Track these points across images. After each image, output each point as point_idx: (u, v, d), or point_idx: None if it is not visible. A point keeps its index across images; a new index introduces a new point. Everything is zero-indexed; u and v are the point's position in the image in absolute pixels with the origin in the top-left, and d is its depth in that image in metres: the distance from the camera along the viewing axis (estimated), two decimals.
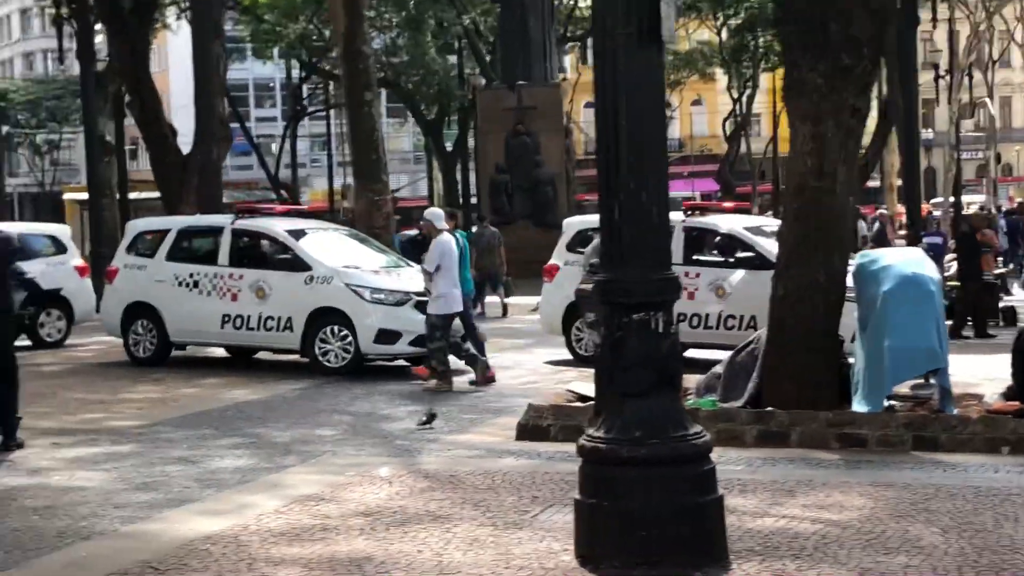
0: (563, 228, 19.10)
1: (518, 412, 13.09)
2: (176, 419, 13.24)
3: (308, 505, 8.99)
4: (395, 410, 13.78)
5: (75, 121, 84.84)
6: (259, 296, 17.21)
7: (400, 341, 16.62)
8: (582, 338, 17.85)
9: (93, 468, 10.59)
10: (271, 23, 43.75)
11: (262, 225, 18.00)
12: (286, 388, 15.57)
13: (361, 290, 16.69)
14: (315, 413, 13.57)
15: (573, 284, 17.93)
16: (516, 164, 37.05)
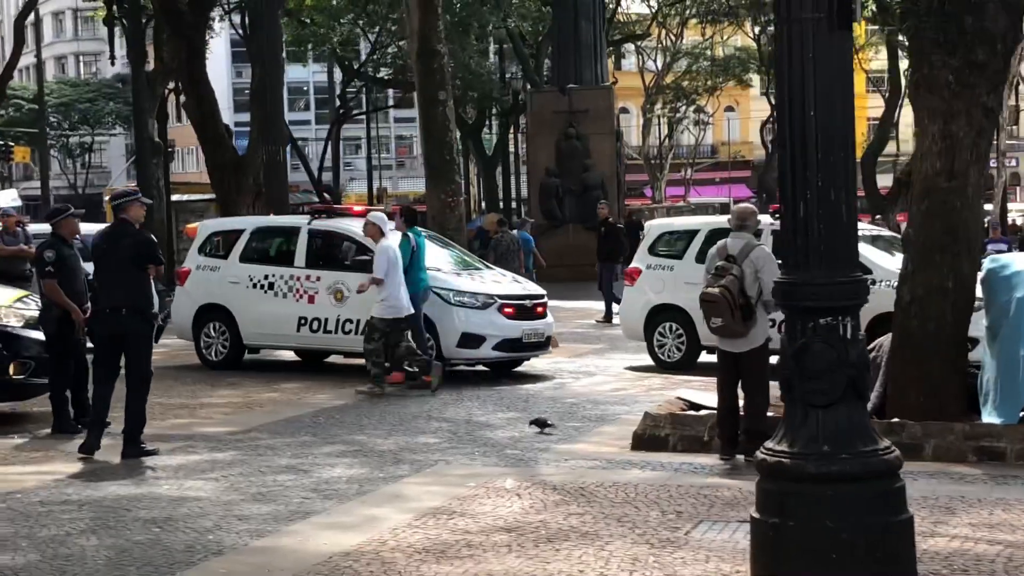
0: (645, 231, 18.61)
1: (620, 420, 12.75)
2: (269, 425, 12.80)
3: (441, 519, 8.54)
4: (491, 416, 13.33)
5: (108, 124, 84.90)
6: (338, 298, 16.75)
7: (484, 345, 16.18)
8: (665, 344, 17.43)
9: (201, 477, 10.15)
10: (318, 25, 43.41)
11: (340, 226, 17.54)
12: (372, 393, 15.09)
13: (445, 293, 16.24)
14: (410, 419, 13.11)
15: (655, 288, 17.54)
16: (566, 167, 36.62)
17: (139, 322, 11.22)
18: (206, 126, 27.28)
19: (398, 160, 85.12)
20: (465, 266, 17.54)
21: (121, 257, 11.31)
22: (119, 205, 11.31)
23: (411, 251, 15.85)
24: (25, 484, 9.91)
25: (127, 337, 11.23)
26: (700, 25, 62.81)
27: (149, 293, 11.31)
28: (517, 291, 16.74)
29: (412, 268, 15.76)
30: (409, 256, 15.74)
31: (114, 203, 11.38)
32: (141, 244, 11.34)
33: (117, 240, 11.36)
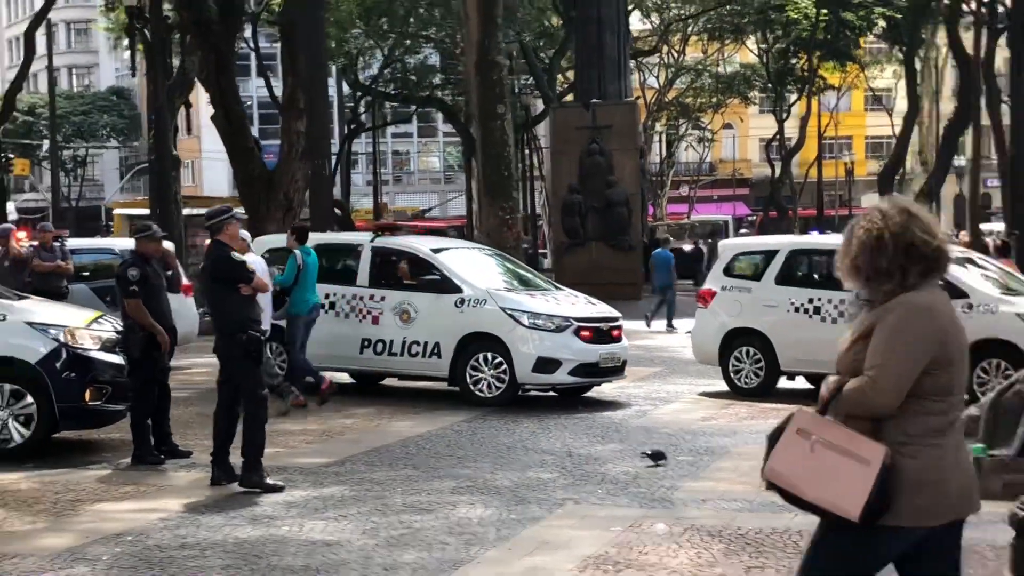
0: (719, 251, 17.92)
1: (733, 454, 12.14)
2: (361, 456, 12.06)
3: (608, 570, 7.83)
4: (592, 448, 12.61)
5: (102, 136, 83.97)
6: (404, 319, 16.03)
7: (560, 370, 15.45)
8: (741, 369, 16.75)
9: (318, 517, 9.40)
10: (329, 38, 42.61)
11: (405, 243, 16.84)
12: (450, 420, 14.38)
13: (518, 314, 15.51)
14: (506, 451, 12.39)
15: (731, 311, 16.87)
16: (589, 184, 35.93)
17: (231, 346, 10.50)
18: (235, 140, 26.57)
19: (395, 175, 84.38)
20: (532, 286, 16.82)
21: (210, 279, 10.63)
22: (215, 226, 10.57)
23: (297, 269, 15.39)
24: (131, 524, 9.16)
25: (226, 362, 10.54)
26: (701, 42, 62.40)
27: (241, 315, 10.53)
28: (593, 313, 16.04)
29: (299, 287, 15.38)
30: (295, 274, 15.31)
31: (209, 223, 10.63)
32: (218, 263, 10.62)
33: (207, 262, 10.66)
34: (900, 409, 4.25)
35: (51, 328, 11.78)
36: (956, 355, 4.31)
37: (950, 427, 4.32)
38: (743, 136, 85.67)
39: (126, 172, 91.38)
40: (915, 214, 4.41)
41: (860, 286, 4.50)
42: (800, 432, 4.36)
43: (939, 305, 4.37)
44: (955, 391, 4.33)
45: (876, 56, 64.68)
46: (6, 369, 11.71)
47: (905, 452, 4.24)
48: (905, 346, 4.25)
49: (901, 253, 4.36)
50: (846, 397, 4.34)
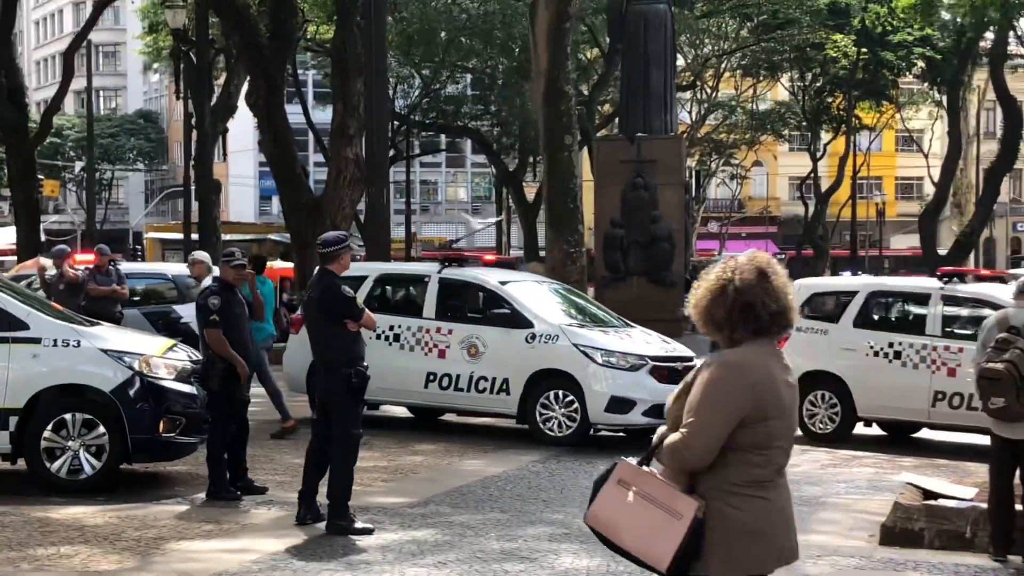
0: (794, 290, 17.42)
1: (832, 505, 11.69)
2: (444, 496, 11.59)
3: None
4: None
5: (129, 160, 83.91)
6: (471, 354, 15.55)
7: (633, 410, 14.94)
8: (816, 414, 16.23)
9: (416, 563, 8.94)
10: None
11: (474, 275, 16.39)
12: (523, 459, 13.91)
13: (592, 351, 15.02)
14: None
15: (806, 353, 16.33)
16: (632, 218, 35.34)
17: (333, 381, 10.05)
18: (283, 166, 26.23)
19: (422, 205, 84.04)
20: (602, 321, 16.34)
21: (316, 311, 10.19)
22: (329, 254, 10.12)
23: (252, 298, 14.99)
24: (224, 566, 8.72)
25: (326, 398, 10.11)
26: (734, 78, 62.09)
27: (348, 350, 10.08)
28: (667, 352, 15.54)
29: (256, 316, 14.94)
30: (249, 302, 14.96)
31: (324, 251, 10.18)
32: (327, 295, 10.17)
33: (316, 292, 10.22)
34: (720, 461, 4.33)
35: (126, 356, 11.35)
36: (772, 412, 4.37)
37: (774, 477, 4.41)
38: (772, 174, 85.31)
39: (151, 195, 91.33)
40: (768, 275, 4.50)
41: (700, 327, 4.58)
42: (621, 483, 4.47)
43: (755, 363, 4.42)
44: (773, 444, 4.39)
45: (912, 96, 64.23)
46: (78, 398, 11.28)
47: (731, 503, 4.32)
48: (715, 404, 4.34)
49: (737, 309, 4.44)
50: (664, 450, 4.42)
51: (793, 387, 4.60)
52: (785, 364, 4.61)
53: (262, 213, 79.33)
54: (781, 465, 4.48)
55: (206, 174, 30.58)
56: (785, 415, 4.49)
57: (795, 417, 4.60)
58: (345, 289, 10.25)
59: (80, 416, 11.21)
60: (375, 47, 19.63)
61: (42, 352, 11.19)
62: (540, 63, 19.60)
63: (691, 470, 4.38)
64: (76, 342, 11.29)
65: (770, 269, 4.53)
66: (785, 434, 4.50)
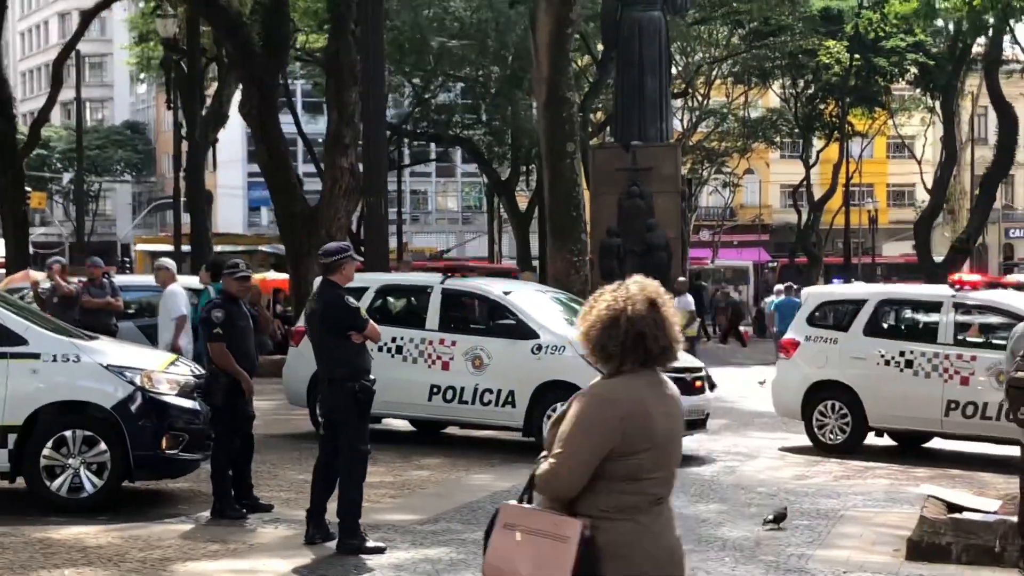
0: (802, 299, 17.18)
1: (851, 519, 11.45)
2: (453, 513, 11.30)
3: None
4: (694, 507, 11.83)
5: (116, 171, 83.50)
6: (476, 365, 15.26)
7: None
8: (826, 424, 15.97)
9: None
10: None
11: (478, 286, 16.11)
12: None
13: None
14: None
15: (816, 362, 16.13)
16: (628, 227, 35.08)
17: (338, 395, 9.76)
18: (278, 176, 25.93)
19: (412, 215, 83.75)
20: None
21: (319, 324, 9.89)
22: (331, 264, 9.83)
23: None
24: None
25: (330, 413, 9.82)
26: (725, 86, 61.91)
27: (352, 363, 9.79)
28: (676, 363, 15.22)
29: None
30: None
31: (326, 261, 9.89)
32: (330, 307, 9.87)
33: (319, 304, 9.93)
34: (591, 488, 4.35)
35: (127, 371, 11.05)
36: (642, 444, 4.34)
37: (649, 505, 4.38)
38: (764, 182, 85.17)
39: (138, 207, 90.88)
40: (658, 306, 4.48)
41: (587, 355, 4.53)
42: (507, 526, 4.50)
43: (628, 396, 4.39)
44: (645, 476, 4.36)
45: (904, 103, 64.10)
46: (79, 414, 10.98)
47: (599, 527, 4.32)
48: (582, 436, 4.33)
49: (629, 340, 4.41)
50: (537, 480, 4.46)
51: (672, 417, 4.50)
52: (666, 394, 4.52)
53: (251, 224, 78.99)
54: (659, 495, 4.43)
55: (198, 185, 30.37)
56: (659, 447, 4.40)
57: (675, 447, 4.51)
58: (349, 300, 9.96)
59: (81, 433, 10.91)
60: (373, 56, 19.35)
61: (41, 368, 10.88)
62: (541, 70, 19.32)
63: (561, 498, 4.38)
64: (76, 357, 10.98)
65: (660, 300, 4.51)
66: (661, 465, 4.43)
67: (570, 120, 19.22)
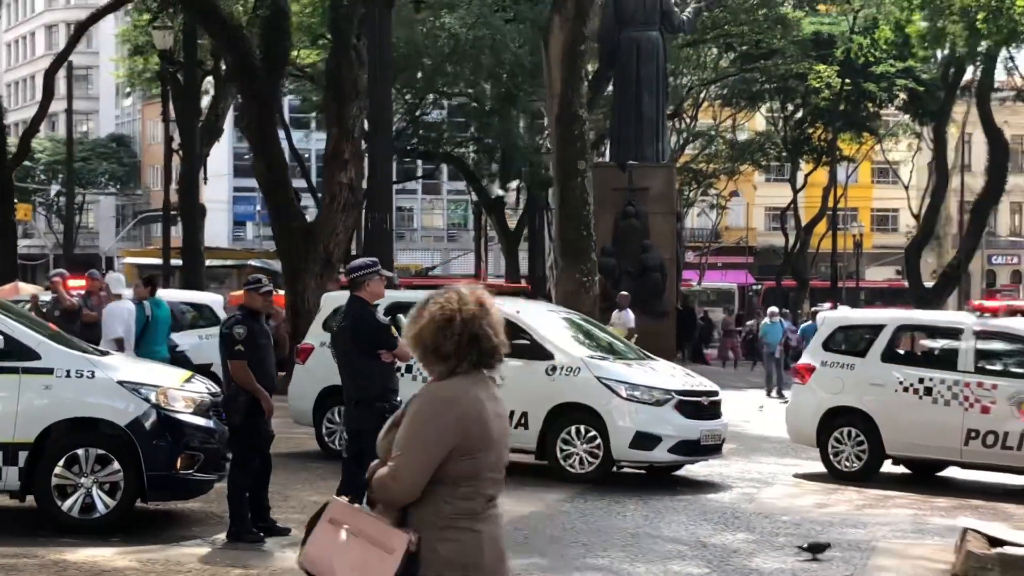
0: (817, 323, 16.93)
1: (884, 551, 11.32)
2: None
3: None
4: (722, 536, 11.57)
5: (101, 184, 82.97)
6: None
7: (659, 447, 14.37)
8: (842, 451, 15.70)
9: None
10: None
11: None
12: (548, 498, 13.31)
13: (616, 385, 14.44)
14: (632, 538, 11.33)
15: (832, 388, 15.88)
16: (624, 247, 34.89)
17: (366, 416, 9.47)
18: (276, 191, 25.61)
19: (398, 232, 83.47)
20: (622, 353, 15.75)
21: (348, 341, 9.60)
22: (357, 280, 9.55)
23: (145, 321, 14.83)
24: None
25: (357, 435, 9.51)
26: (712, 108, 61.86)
27: (381, 383, 9.51)
28: (693, 386, 15.00)
29: (145, 340, 14.77)
30: (142, 326, 14.75)
31: (351, 276, 9.61)
32: (359, 324, 9.59)
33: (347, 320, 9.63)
34: (430, 494, 4.34)
35: (142, 387, 10.70)
36: (480, 444, 4.36)
37: (484, 509, 4.40)
38: (749, 204, 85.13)
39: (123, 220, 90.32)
40: (487, 308, 4.52)
41: (419, 359, 4.52)
42: (333, 522, 4.46)
43: (464, 396, 4.40)
44: (482, 476, 4.38)
45: (891, 128, 64.12)
46: (91, 432, 10.64)
47: (442, 536, 4.31)
48: (423, 437, 4.34)
49: (465, 341, 4.43)
50: (374, 485, 4.42)
51: (503, 418, 4.55)
52: (495, 395, 4.54)
53: (235, 239, 78.54)
54: (492, 496, 4.45)
55: (192, 198, 29.98)
56: (493, 447, 4.44)
57: (505, 448, 4.55)
58: (380, 317, 9.68)
59: (93, 451, 10.55)
60: (380, 71, 19.09)
61: (54, 383, 10.54)
62: (554, 86, 19.06)
63: (399, 504, 4.36)
64: (90, 373, 10.64)
65: (488, 302, 4.54)
66: (494, 465, 4.46)
67: (582, 137, 18.97)
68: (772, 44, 49.45)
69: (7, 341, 10.55)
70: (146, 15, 36.12)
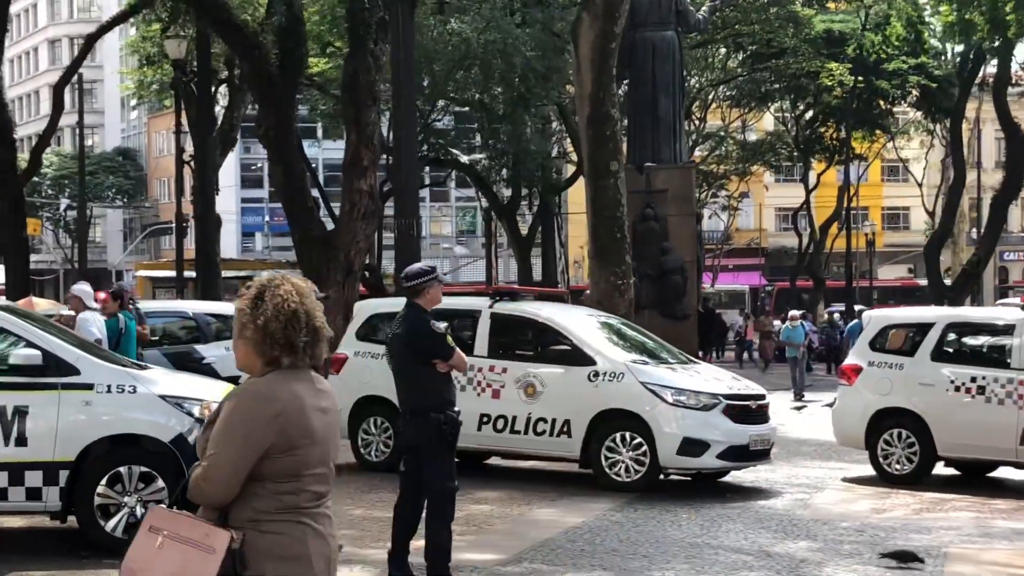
0: (863, 322, 16.51)
1: (951, 557, 10.75)
2: (534, 552, 10.62)
3: None
4: (784, 545, 11.18)
5: (107, 197, 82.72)
6: (528, 393, 14.57)
7: (707, 453, 13.99)
8: (892, 453, 15.31)
9: None
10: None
11: (529, 310, 15.43)
12: (597, 508, 12.93)
13: (661, 390, 14.06)
14: (692, 548, 10.94)
15: (880, 389, 15.49)
16: (642, 251, 34.42)
17: (422, 428, 9.10)
18: (294, 200, 25.13)
19: None
20: (664, 357, 15.35)
21: (402, 350, 9.23)
22: (416, 287, 9.19)
23: (119, 333, 14.81)
24: None
25: (413, 447, 9.14)
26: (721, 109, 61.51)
27: (437, 394, 9.15)
28: (740, 390, 14.61)
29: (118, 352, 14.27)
30: (116, 339, 14.69)
31: (409, 284, 9.24)
32: (415, 333, 9.22)
33: (402, 328, 9.26)
34: (249, 491, 4.24)
35: (185, 402, 10.33)
36: (301, 440, 4.26)
37: (310, 504, 4.29)
38: (760, 205, 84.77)
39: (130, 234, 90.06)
40: (316, 299, 4.45)
41: (249, 353, 4.35)
42: (152, 529, 4.33)
43: (282, 392, 4.28)
44: (305, 473, 4.28)
45: (903, 125, 63.73)
46: (134, 448, 10.26)
47: (263, 529, 4.23)
48: (237, 435, 4.23)
49: (311, 333, 4.35)
50: (189, 486, 4.31)
51: (329, 412, 4.40)
52: (320, 390, 4.39)
53: (244, 249, 78.20)
54: (320, 493, 4.33)
55: (208, 208, 29.63)
56: (318, 442, 4.31)
57: (333, 443, 4.42)
58: (435, 325, 9.31)
59: (137, 469, 10.18)
60: (404, 76, 18.74)
61: (95, 399, 10.16)
62: (584, 86, 18.67)
63: (215, 504, 4.24)
64: (132, 388, 10.26)
65: (308, 291, 4.44)
66: (320, 461, 4.33)
67: (614, 138, 18.57)
68: (783, 43, 49.08)
69: (45, 356, 10.19)
70: (155, 25, 35.78)
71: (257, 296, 4.33)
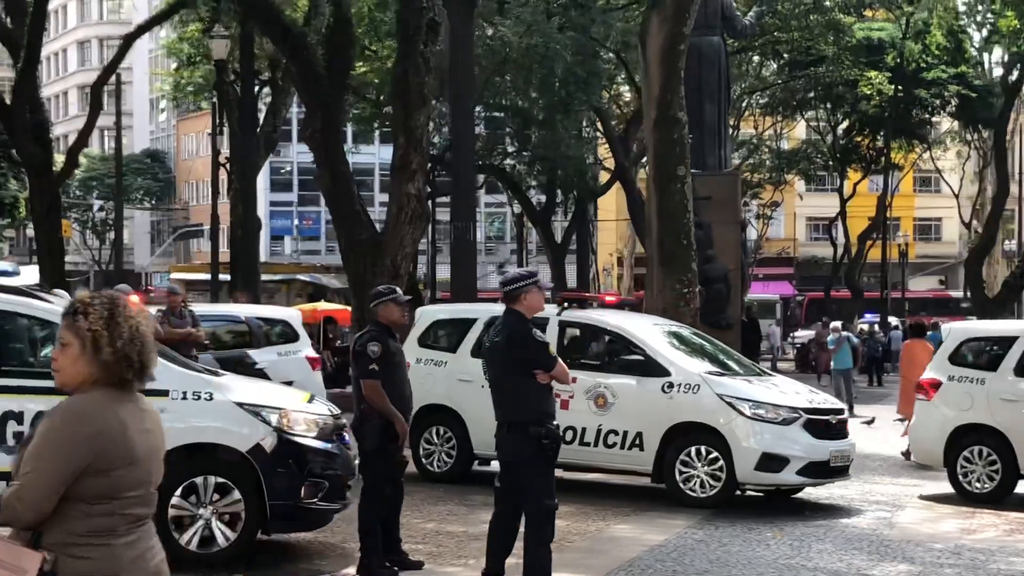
0: (942, 335, 16.00)
1: None
2: (620, 571, 10.20)
3: None
4: (881, 568, 10.72)
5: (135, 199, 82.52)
6: (599, 404, 14.10)
7: (786, 469, 13.51)
8: (972, 471, 14.79)
9: None
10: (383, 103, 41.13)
11: (599, 319, 14.96)
12: (677, 525, 12.45)
13: (739, 403, 13.57)
14: (788, 570, 10.47)
15: (960, 405, 14.97)
16: None
17: (521, 442, 8.64)
18: (341, 203, 24.74)
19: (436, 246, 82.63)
20: (737, 369, 14.86)
21: (501, 358, 8.77)
22: (513, 292, 8.73)
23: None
24: None
25: (512, 462, 8.68)
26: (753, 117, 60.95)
27: (537, 405, 8.69)
28: (819, 404, 14.13)
29: None
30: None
31: (507, 288, 8.78)
32: (516, 340, 8.75)
33: (501, 336, 8.80)
34: (62, 512, 4.10)
35: (263, 410, 9.89)
36: (119, 462, 4.13)
37: (128, 527, 4.16)
38: (789, 214, 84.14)
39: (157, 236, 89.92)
40: (144, 318, 4.30)
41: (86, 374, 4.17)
42: None
43: (102, 411, 4.13)
44: (121, 495, 4.15)
45: (939, 136, 63.09)
46: (210, 458, 9.82)
47: (74, 553, 4.08)
48: (51, 455, 4.09)
49: (135, 352, 4.20)
50: (1, 506, 4.13)
51: (152, 433, 4.26)
52: (144, 410, 4.25)
53: (272, 253, 77.85)
54: (138, 516, 4.20)
55: (249, 210, 29.27)
56: (139, 464, 4.18)
57: (156, 466, 4.27)
58: (537, 334, 8.83)
59: (212, 479, 9.73)
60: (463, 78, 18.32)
61: (169, 406, 9.67)
62: (651, 89, 18.20)
63: (26, 525, 4.11)
64: (208, 395, 9.82)
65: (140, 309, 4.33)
66: (139, 483, 4.20)
67: (681, 142, 18.10)
68: (823, 51, 48.51)
69: None
70: (194, 24, 35.46)
71: (110, 317, 4.17)
